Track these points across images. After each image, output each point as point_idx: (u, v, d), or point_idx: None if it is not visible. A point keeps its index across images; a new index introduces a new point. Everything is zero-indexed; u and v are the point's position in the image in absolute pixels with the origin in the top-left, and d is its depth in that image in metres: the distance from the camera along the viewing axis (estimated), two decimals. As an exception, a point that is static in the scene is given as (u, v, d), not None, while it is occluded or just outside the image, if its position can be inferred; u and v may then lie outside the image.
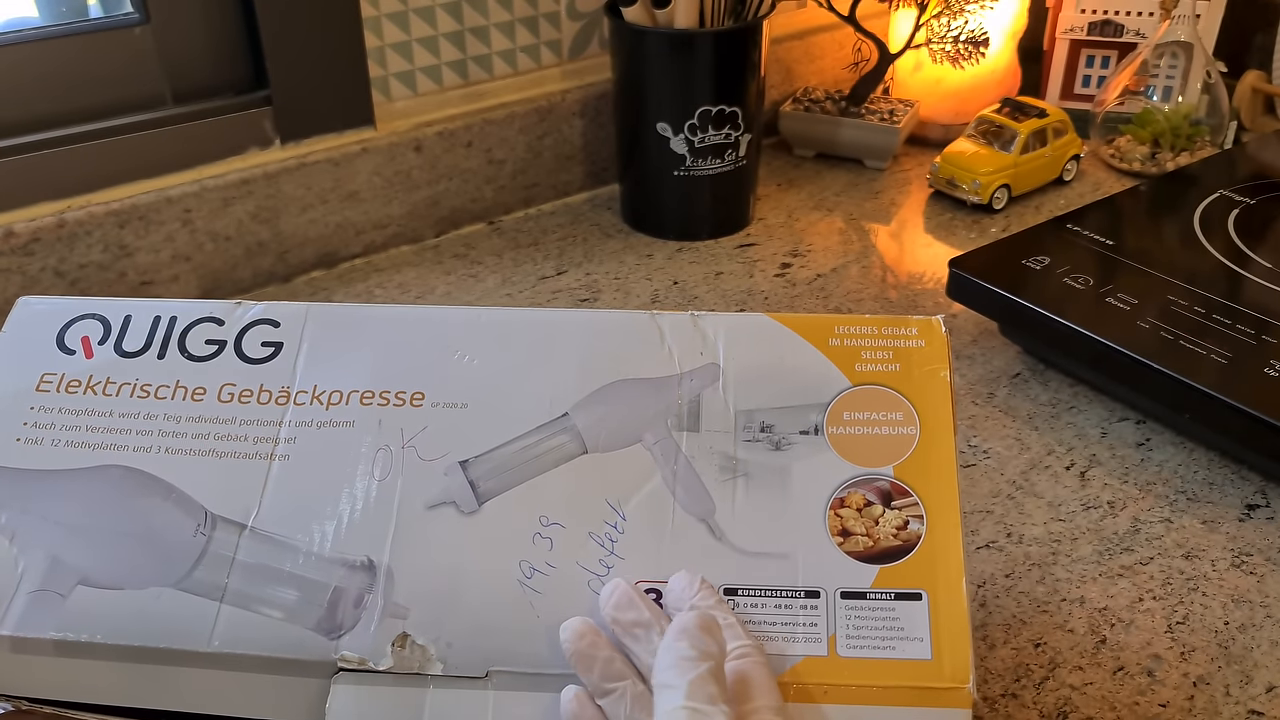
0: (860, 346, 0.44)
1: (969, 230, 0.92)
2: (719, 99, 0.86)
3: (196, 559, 0.41)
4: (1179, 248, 0.76)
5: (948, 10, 1.00)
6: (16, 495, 0.43)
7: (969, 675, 0.38)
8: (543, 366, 0.45)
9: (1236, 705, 0.50)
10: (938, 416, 0.43)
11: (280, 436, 0.44)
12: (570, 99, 0.95)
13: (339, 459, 0.43)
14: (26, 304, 0.50)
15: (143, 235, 0.78)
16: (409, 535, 0.41)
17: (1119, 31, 1.06)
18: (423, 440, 0.44)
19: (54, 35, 0.75)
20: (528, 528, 0.41)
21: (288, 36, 0.81)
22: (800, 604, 0.39)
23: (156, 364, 0.46)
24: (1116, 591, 0.56)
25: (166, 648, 0.39)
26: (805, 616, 0.39)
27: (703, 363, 0.44)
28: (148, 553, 0.41)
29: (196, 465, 0.43)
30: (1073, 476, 0.64)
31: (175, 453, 0.44)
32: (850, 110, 1.04)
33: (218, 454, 0.44)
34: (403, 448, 0.43)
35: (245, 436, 0.44)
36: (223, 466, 0.43)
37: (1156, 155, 1.00)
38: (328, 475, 0.43)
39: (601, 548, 0.41)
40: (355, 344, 0.47)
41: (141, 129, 0.78)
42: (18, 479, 0.43)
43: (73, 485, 0.43)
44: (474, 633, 0.39)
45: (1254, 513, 0.61)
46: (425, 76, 0.89)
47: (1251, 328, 0.65)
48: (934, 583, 0.40)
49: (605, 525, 0.41)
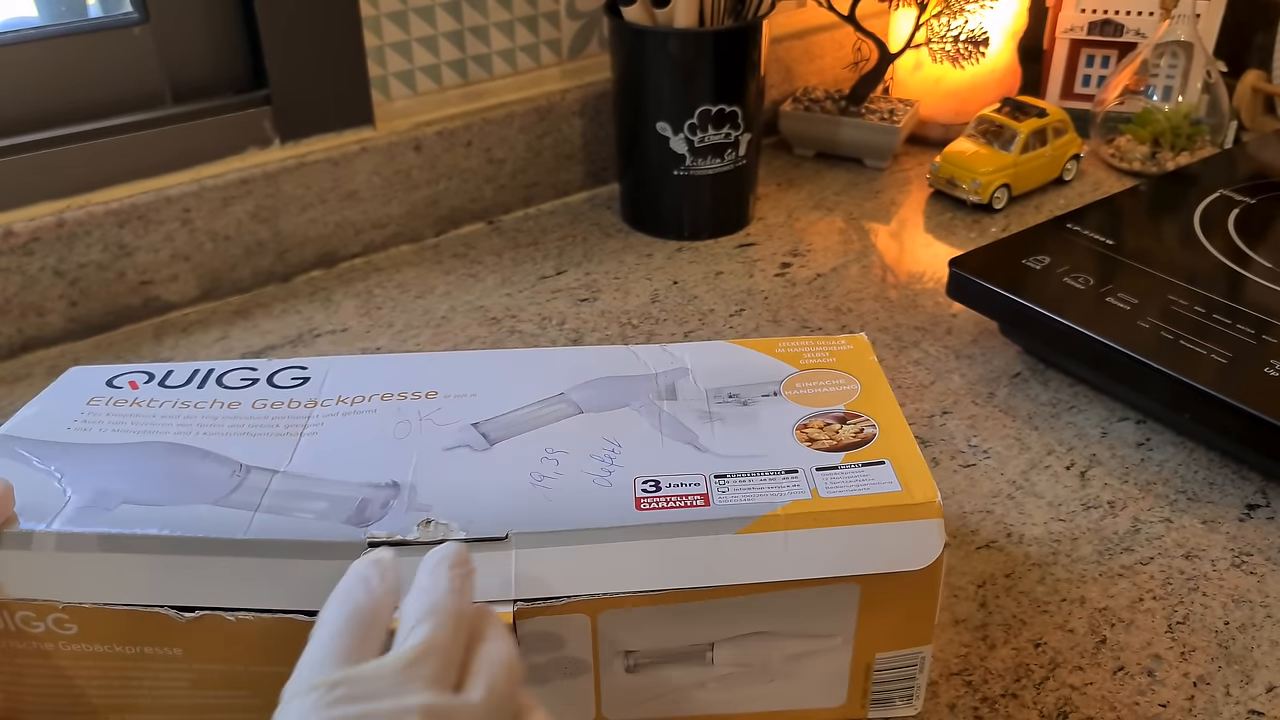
0: (802, 351, 0.55)
1: (969, 230, 0.92)
2: (719, 98, 0.86)
3: (232, 489, 0.45)
4: (1179, 247, 0.76)
5: (948, 10, 1.00)
6: (65, 454, 0.47)
7: (936, 495, 0.44)
8: (539, 381, 0.53)
9: (1236, 705, 0.50)
10: (875, 379, 0.52)
11: (308, 422, 0.49)
12: (570, 98, 0.95)
13: (362, 430, 0.49)
14: (74, 371, 0.54)
15: (142, 235, 0.78)
16: (429, 465, 0.46)
17: (1119, 31, 1.06)
18: (438, 415, 0.50)
19: (53, 35, 0.75)
20: (536, 454, 0.47)
21: (287, 36, 0.81)
22: (782, 477, 0.46)
23: (196, 390, 0.52)
24: (1117, 591, 0.56)
25: (204, 537, 0.42)
26: (787, 482, 0.45)
27: (674, 366, 0.54)
28: (188, 487, 0.45)
29: (232, 441, 0.48)
30: (1073, 476, 0.64)
31: (213, 434, 0.49)
32: (850, 110, 1.04)
33: (251, 434, 0.48)
34: (420, 420, 0.49)
35: (276, 423, 0.49)
36: (256, 442, 0.48)
37: (1156, 155, 1.00)
38: (353, 440, 0.48)
39: (603, 463, 0.47)
40: (375, 369, 0.54)
41: (141, 128, 0.78)
42: (66, 449, 0.48)
43: (118, 451, 0.48)
44: (492, 516, 0.44)
45: (1254, 513, 0.61)
46: (425, 76, 0.89)
47: (1251, 328, 0.65)
48: (895, 456, 0.47)
49: (604, 449, 0.48)
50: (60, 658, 0.41)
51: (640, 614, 0.42)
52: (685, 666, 0.44)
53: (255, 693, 0.42)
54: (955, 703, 0.50)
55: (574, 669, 0.43)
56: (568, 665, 0.43)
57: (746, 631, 0.44)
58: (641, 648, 0.44)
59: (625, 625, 0.43)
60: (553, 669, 0.43)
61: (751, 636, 0.44)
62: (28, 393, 0.53)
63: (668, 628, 0.43)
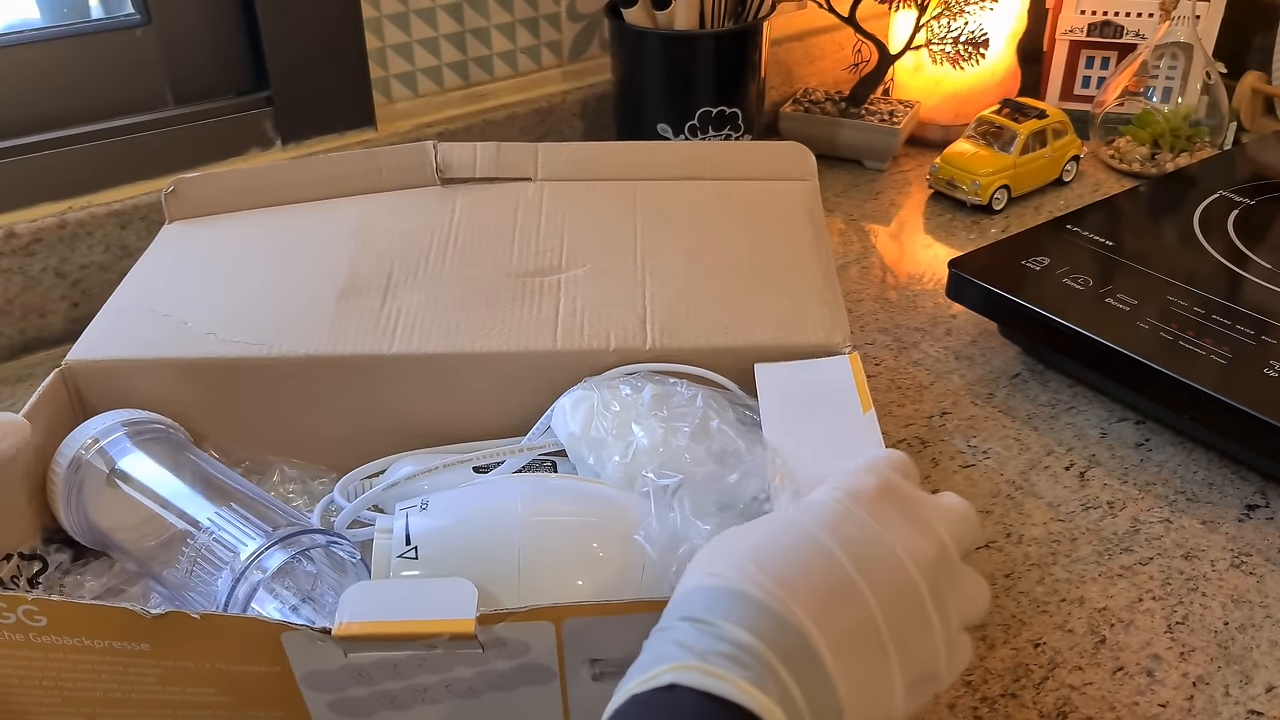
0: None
1: (969, 231, 0.92)
2: (719, 100, 0.86)
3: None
4: (1179, 248, 0.76)
5: (948, 11, 1.00)
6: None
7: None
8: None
9: (1236, 705, 0.50)
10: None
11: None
12: (571, 100, 0.95)
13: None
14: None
15: (144, 236, 0.78)
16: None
17: (1119, 32, 1.06)
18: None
19: (56, 36, 0.76)
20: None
21: (289, 37, 0.81)
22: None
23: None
24: (1116, 591, 0.56)
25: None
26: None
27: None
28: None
29: None
30: (1072, 477, 0.64)
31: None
32: (850, 111, 1.04)
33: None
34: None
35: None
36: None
37: (1156, 156, 1.00)
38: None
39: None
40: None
41: (143, 130, 0.78)
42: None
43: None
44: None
45: (1254, 513, 0.61)
46: (426, 78, 0.89)
47: (1251, 328, 0.65)
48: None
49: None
50: (31, 650, 0.41)
51: (605, 622, 0.41)
52: None
53: (224, 690, 0.42)
54: (955, 702, 0.50)
55: (540, 677, 0.43)
56: (534, 672, 0.43)
57: None
58: (607, 656, 0.43)
59: (590, 634, 0.42)
60: (519, 676, 0.43)
61: None
62: (28, 393, 0.53)
63: (634, 637, 0.42)
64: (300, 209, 0.67)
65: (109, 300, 0.60)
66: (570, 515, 0.48)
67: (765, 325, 0.56)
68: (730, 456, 0.48)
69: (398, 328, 0.56)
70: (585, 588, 0.44)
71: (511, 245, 0.62)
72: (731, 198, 0.67)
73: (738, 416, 0.51)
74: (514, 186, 0.67)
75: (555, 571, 0.45)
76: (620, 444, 0.49)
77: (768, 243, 0.63)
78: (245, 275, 0.62)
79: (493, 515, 0.47)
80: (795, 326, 0.56)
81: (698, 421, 0.49)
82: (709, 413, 0.50)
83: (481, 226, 0.64)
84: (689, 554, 0.44)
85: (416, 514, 0.46)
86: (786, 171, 0.68)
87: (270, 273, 0.62)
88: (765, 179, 0.68)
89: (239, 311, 0.58)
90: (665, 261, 0.61)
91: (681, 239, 0.63)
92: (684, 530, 0.45)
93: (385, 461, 0.55)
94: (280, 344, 0.56)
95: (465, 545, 0.46)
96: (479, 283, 0.60)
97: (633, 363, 0.55)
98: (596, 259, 0.61)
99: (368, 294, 0.59)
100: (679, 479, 0.46)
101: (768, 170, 0.68)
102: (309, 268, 0.61)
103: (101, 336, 0.57)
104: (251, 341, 0.56)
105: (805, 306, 0.58)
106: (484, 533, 0.46)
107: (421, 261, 0.61)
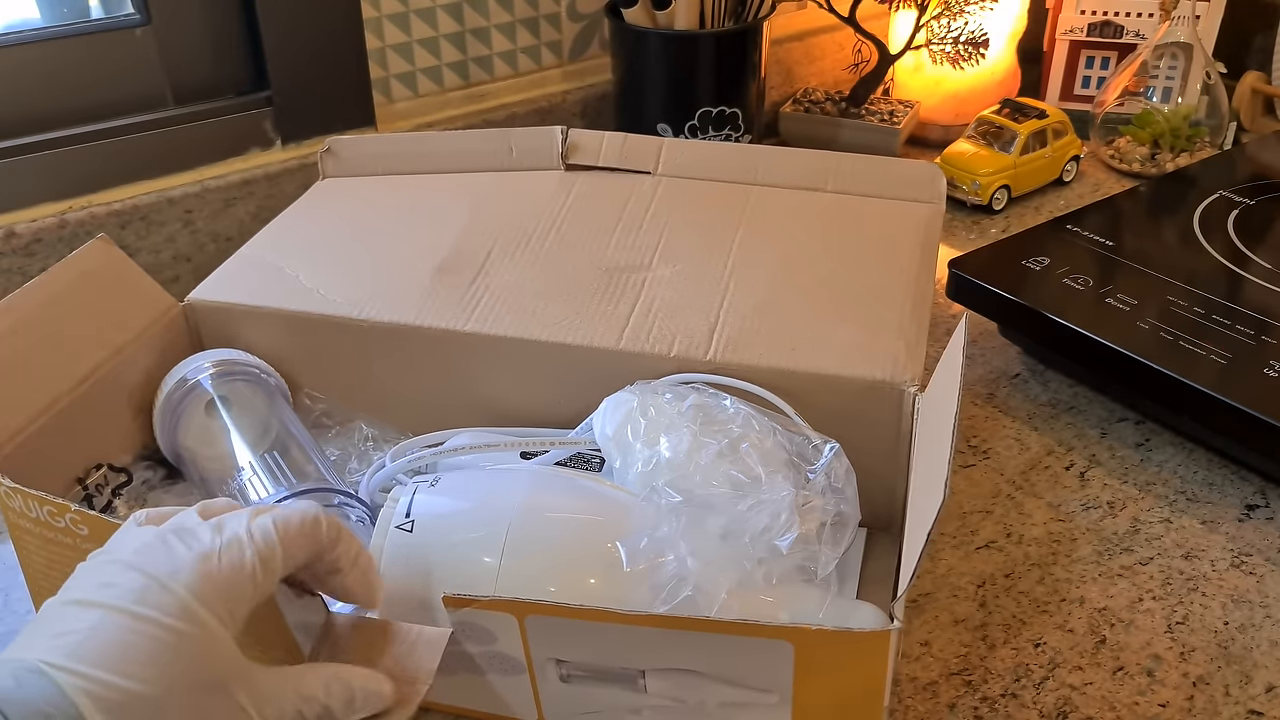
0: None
1: (969, 231, 0.92)
2: (719, 100, 0.86)
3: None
4: (1179, 248, 0.76)
5: (948, 11, 1.00)
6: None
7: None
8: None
9: (1236, 705, 0.50)
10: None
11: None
12: (571, 100, 0.95)
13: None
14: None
15: (144, 236, 0.78)
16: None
17: (1119, 32, 1.06)
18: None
19: (56, 36, 0.76)
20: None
21: (289, 37, 0.81)
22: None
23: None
24: (1116, 591, 0.56)
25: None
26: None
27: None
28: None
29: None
30: (1072, 476, 0.64)
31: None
32: (850, 111, 1.04)
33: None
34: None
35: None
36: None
37: (1156, 156, 1.00)
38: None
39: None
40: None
41: (143, 129, 0.78)
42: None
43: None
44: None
45: (1254, 513, 0.61)
46: (426, 78, 0.89)
47: (1251, 328, 0.65)
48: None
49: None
50: (75, 554, 0.43)
51: (569, 624, 0.42)
52: (618, 688, 0.44)
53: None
54: (955, 702, 0.50)
55: (509, 667, 0.44)
56: (502, 661, 0.44)
57: (677, 666, 0.43)
58: (572, 659, 0.44)
59: (554, 633, 0.43)
60: (487, 662, 0.44)
61: (683, 672, 0.43)
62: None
63: (597, 644, 0.43)
64: (433, 179, 0.70)
65: (242, 246, 0.65)
66: (566, 514, 0.48)
67: (830, 352, 0.54)
68: (749, 484, 0.46)
69: (478, 306, 0.58)
70: (561, 587, 0.45)
71: (611, 236, 0.63)
72: (845, 213, 0.65)
73: (780, 443, 0.49)
74: (632, 178, 0.68)
75: (534, 566, 0.46)
76: (646, 452, 0.48)
77: (865, 265, 0.61)
78: (361, 238, 0.65)
79: (491, 503, 0.48)
80: (862, 358, 0.54)
81: (728, 441, 0.48)
82: (746, 434, 0.48)
83: (589, 215, 0.65)
84: (668, 573, 0.44)
85: (425, 490, 0.48)
86: (912, 192, 0.66)
87: (383, 239, 0.65)
88: (888, 197, 0.66)
89: (344, 273, 0.61)
90: (753, 272, 0.60)
91: (777, 250, 0.62)
92: (668, 549, 0.45)
93: (447, 434, 0.57)
94: (370, 308, 0.58)
95: (457, 528, 0.47)
96: (568, 271, 0.61)
97: (691, 372, 0.54)
98: (686, 261, 0.61)
99: (462, 270, 0.61)
100: (688, 497, 0.46)
101: (892, 189, 0.66)
102: (418, 237, 0.64)
103: (223, 280, 0.63)
104: (347, 302, 0.59)
105: (880, 338, 0.55)
106: (477, 518, 0.47)
107: (522, 243, 0.63)
